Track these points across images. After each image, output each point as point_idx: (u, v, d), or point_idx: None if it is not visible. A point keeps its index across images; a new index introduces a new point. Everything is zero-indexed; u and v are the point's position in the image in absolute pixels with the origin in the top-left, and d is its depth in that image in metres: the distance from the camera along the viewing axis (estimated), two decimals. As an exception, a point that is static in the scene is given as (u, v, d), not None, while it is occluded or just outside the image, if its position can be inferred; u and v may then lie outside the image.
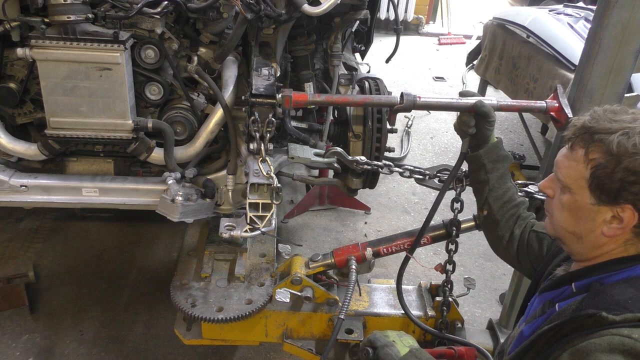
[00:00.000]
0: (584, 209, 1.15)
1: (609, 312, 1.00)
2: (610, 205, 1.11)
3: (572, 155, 1.17)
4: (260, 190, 1.95)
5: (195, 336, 2.16)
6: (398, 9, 7.60)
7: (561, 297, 1.20)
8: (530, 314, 1.31)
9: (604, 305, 1.03)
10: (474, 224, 2.05)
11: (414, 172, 1.97)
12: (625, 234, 1.11)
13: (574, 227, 1.19)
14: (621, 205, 1.09)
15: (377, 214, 3.81)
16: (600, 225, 1.13)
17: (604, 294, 1.08)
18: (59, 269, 3.02)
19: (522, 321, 1.35)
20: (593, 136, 1.12)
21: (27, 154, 2.12)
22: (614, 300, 1.04)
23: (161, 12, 1.94)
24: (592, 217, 1.14)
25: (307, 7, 2.04)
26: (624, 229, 1.10)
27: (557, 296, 1.21)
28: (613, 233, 1.12)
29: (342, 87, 2.58)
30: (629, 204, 1.08)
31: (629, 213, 1.09)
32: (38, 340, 2.59)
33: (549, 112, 1.78)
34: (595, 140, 1.11)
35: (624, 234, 1.12)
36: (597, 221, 1.13)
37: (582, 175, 1.13)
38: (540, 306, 1.25)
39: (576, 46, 3.50)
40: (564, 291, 1.20)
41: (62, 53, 1.87)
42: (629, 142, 1.07)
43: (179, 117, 2.16)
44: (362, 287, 2.25)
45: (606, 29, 1.69)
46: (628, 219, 1.09)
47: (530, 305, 1.35)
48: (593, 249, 1.17)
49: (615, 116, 1.13)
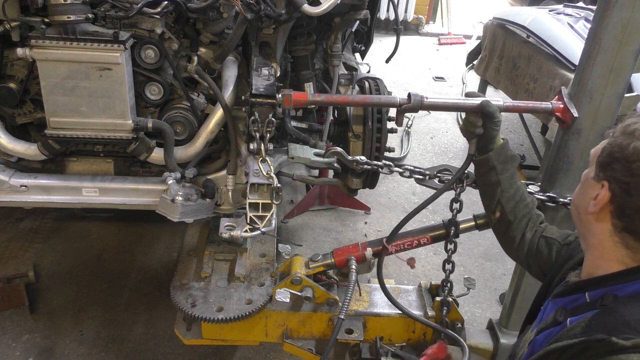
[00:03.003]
0: (587, 182, 1.16)
1: (619, 337, 0.97)
2: (597, 180, 1.11)
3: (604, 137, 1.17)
4: (260, 190, 1.95)
5: (195, 336, 2.16)
6: (398, 9, 7.60)
7: (574, 305, 1.17)
8: (543, 319, 1.29)
9: (614, 326, 1.00)
10: (473, 224, 2.05)
11: (414, 172, 1.98)
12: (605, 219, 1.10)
13: (577, 200, 1.20)
14: (601, 181, 1.10)
15: (377, 214, 3.81)
16: (588, 201, 1.13)
17: (615, 313, 1.04)
18: (59, 269, 3.02)
19: (534, 326, 1.33)
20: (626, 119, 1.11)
21: (27, 154, 2.12)
22: (625, 321, 1.01)
23: (161, 12, 1.94)
24: (587, 191, 1.15)
25: (307, 7, 2.04)
26: (597, 205, 1.10)
27: (569, 303, 1.19)
28: (591, 210, 1.11)
29: (342, 87, 2.58)
30: (605, 181, 1.09)
31: (604, 191, 1.09)
32: (38, 340, 2.59)
33: (555, 113, 1.80)
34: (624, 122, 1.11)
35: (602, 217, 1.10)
36: (587, 196, 1.14)
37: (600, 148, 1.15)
38: (553, 313, 1.22)
39: (576, 46, 3.50)
40: (578, 299, 1.17)
41: (62, 53, 1.87)
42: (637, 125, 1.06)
43: (179, 117, 2.16)
44: (362, 287, 2.25)
45: (606, 29, 1.69)
46: (601, 196, 1.09)
47: (544, 310, 1.32)
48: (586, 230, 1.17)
49: None
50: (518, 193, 1.69)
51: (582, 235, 1.21)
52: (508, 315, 2.21)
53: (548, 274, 1.50)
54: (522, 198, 1.69)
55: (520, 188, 1.71)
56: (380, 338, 2.13)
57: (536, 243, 1.62)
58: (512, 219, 1.67)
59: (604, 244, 1.12)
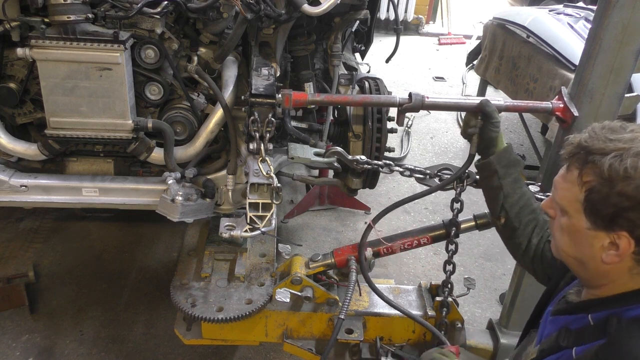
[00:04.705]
0: (581, 233, 1.09)
1: None
2: (607, 231, 1.04)
3: (568, 176, 1.11)
4: (260, 190, 1.95)
5: (195, 336, 2.16)
6: (398, 9, 7.59)
7: (577, 326, 1.14)
8: (545, 335, 1.25)
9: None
10: (474, 224, 2.05)
11: (414, 172, 1.98)
12: (626, 261, 1.05)
13: (575, 252, 1.13)
14: (617, 232, 1.03)
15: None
16: (599, 252, 1.07)
17: (623, 347, 1.01)
18: (59, 269, 3.02)
19: (537, 341, 1.29)
20: (587, 157, 1.06)
21: (27, 154, 2.12)
22: (632, 356, 0.98)
23: (161, 12, 1.94)
24: (590, 242, 1.08)
25: (307, 7, 2.04)
26: (621, 256, 1.04)
27: (572, 323, 1.15)
28: (611, 260, 1.05)
29: (342, 87, 2.58)
30: (625, 231, 1.02)
31: (625, 240, 1.02)
32: (38, 340, 2.58)
33: (555, 113, 1.80)
34: (589, 161, 1.05)
35: (623, 262, 1.05)
36: (596, 247, 1.07)
37: (577, 198, 1.08)
38: (556, 333, 1.18)
39: (576, 46, 3.50)
40: (580, 320, 1.13)
41: (62, 53, 1.87)
42: (621, 165, 1.00)
43: (179, 117, 2.16)
44: (362, 287, 2.25)
45: (606, 29, 1.69)
46: (624, 247, 1.03)
47: (544, 323, 1.28)
48: (598, 276, 1.11)
49: (613, 134, 1.06)
50: (523, 198, 1.64)
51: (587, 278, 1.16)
52: (508, 315, 2.21)
53: (552, 278, 1.47)
54: (527, 203, 1.64)
55: (526, 193, 1.66)
56: (380, 338, 2.13)
57: (542, 248, 1.57)
58: (517, 224, 1.62)
59: (618, 280, 1.08)
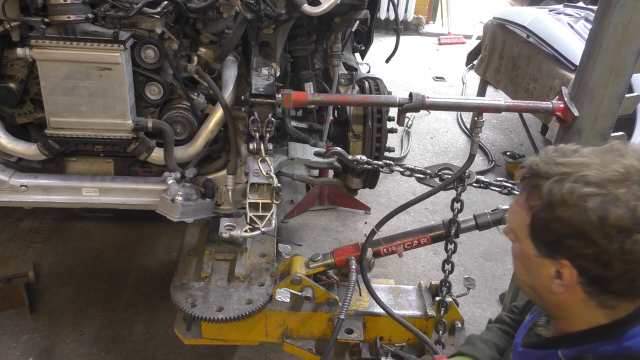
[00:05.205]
0: (531, 260, 1.04)
1: None
2: (550, 259, 1.00)
3: (519, 200, 1.06)
4: (260, 190, 1.95)
5: (195, 336, 2.16)
6: (398, 9, 7.59)
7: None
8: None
9: None
10: (474, 224, 2.05)
11: (414, 171, 1.98)
12: (576, 292, 0.99)
13: (529, 280, 1.08)
14: (559, 260, 0.98)
15: (377, 214, 3.80)
16: (548, 282, 1.01)
17: None
18: (59, 269, 3.02)
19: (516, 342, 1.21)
20: (534, 180, 1.01)
21: (27, 154, 2.12)
22: None
23: (161, 12, 1.94)
24: (539, 270, 1.03)
25: (307, 7, 2.04)
26: (567, 286, 0.99)
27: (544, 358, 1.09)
28: (558, 290, 1.00)
29: (342, 87, 2.58)
30: (566, 259, 0.97)
31: (567, 270, 0.97)
32: (38, 340, 2.58)
33: (555, 113, 1.80)
34: (535, 185, 1.01)
35: (573, 292, 0.99)
36: (544, 276, 1.02)
37: (525, 222, 1.03)
38: None
39: (576, 46, 3.50)
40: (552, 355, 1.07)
41: (62, 53, 1.87)
42: (561, 190, 0.95)
43: (179, 117, 2.16)
44: (362, 287, 2.25)
45: (607, 29, 1.69)
46: (567, 276, 0.97)
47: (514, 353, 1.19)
48: (555, 307, 1.06)
49: (561, 158, 1.00)
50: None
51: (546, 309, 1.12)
52: (508, 316, 2.21)
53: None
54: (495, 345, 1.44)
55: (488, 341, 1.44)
56: (380, 338, 2.14)
57: None
58: None
59: (577, 313, 1.03)
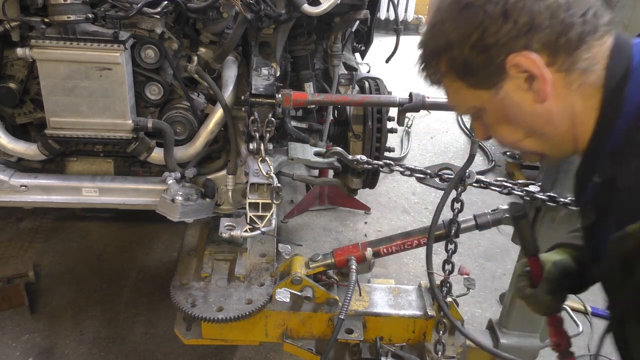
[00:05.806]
0: (497, 104, 0.98)
1: None
2: (505, 76, 0.93)
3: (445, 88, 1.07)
4: (260, 190, 1.95)
5: (195, 336, 2.16)
6: (398, 9, 7.58)
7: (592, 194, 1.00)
8: None
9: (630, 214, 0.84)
10: (473, 224, 2.05)
11: (415, 171, 1.98)
12: (553, 86, 0.91)
13: (520, 130, 1.01)
14: (511, 66, 0.92)
15: (377, 214, 3.81)
16: (527, 101, 0.95)
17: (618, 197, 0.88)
18: (59, 269, 3.02)
19: None
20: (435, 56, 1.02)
21: (27, 154, 2.12)
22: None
23: (161, 12, 1.93)
24: (512, 101, 0.96)
25: (307, 7, 2.04)
26: (542, 78, 0.91)
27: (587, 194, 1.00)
28: (542, 94, 0.92)
29: (342, 87, 2.58)
30: (511, 59, 0.91)
31: (524, 61, 0.90)
32: (38, 340, 2.58)
33: None
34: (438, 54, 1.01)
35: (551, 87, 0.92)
36: (522, 99, 0.95)
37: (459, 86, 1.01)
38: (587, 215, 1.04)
39: (576, 46, 3.49)
40: (591, 187, 0.98)
41: (62, 53, 1.87)
42: None
43: (179, 117, 2.16)
44: (362, 287, 2.25)
45: (606, 29, 1.69)
46: (532, 65, 0.90)
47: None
48: (551, 128, 0.97)
49: None
50: None
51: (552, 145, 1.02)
52: (508, 315, 2.21)
53: None
54: None
55: None
56: (380, 338, 2.13)
57: None
58: None
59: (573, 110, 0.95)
